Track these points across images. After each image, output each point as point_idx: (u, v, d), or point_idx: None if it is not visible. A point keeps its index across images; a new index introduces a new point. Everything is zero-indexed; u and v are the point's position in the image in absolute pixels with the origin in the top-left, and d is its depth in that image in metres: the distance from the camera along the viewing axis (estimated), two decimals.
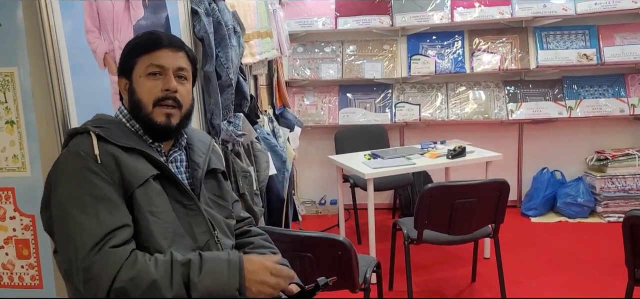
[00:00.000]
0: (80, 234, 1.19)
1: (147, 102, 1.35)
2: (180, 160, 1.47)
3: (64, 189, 1.24)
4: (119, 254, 1.20)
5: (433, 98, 4.42)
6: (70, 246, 1.20)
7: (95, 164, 1.25)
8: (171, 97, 1.36)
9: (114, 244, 1.21)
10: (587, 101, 4.22)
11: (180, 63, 1.39)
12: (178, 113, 1.38)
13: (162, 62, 1.36)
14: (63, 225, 1.22)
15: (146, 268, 1.20)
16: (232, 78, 2.41)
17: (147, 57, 1.36)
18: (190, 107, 1.44)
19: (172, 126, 1.37)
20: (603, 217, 4.08)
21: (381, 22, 4.33)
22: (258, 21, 3.04)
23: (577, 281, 3.13)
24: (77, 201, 1.22)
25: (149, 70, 1.35)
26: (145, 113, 1.35)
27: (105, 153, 1.28)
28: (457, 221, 2.67)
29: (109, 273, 1.18)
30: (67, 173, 1.25)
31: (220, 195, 1.52)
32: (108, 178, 1.26)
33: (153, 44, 1.37)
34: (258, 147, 2.82)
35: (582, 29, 4.25)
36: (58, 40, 1.42)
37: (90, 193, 1.23)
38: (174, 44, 1.39)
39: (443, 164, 3.35)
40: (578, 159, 4.38)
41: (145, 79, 1.35)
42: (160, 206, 1.32)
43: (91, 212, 1.21)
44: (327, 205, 4.62)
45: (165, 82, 1.36)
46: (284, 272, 1.35)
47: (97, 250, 1.19)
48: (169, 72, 1.36)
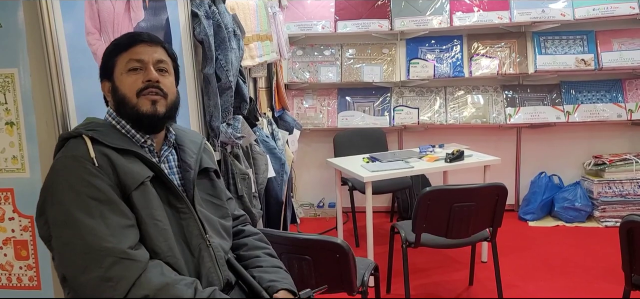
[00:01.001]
0: (90, 237, 1.20)
1: (131, 96, 1.36)
2: (172, 160, 1.47)
3: (65, 194, 1.23)
4: (137, 257, 1.22)
5: (432, 102, 4.43)
6: (76, 249, 1.20)
7: (93, 167, 1.25)
8: (154, 86, 1.37)
9: (130, 245, 1.23)
10: (584, 106, 4.24)
11: (160, 56, 1.41)
12: (164, 101, 1.39)
13: (141, 56, 1.38)
14: (67, 230, 1.22)
15: (181, 289, 1.25)
16: (231, 81, 2.41)
17: (126, 54, 1.38)
18: (177, 99, 1.44)
19: (159, 114, 1.38)
20: (600, 222, 4.09)
21: (380, 26, 4.34)
22: (258, 24, 3.05)
23: (574, 285, 3.14)
24: (81, 205, 1.22)
25: (129, 66, 1.37)
26: (131, 106, 1.36)
27: (101, 156, 1.28)
28: (455, 225, 2.67)
29: (131, 276, 1.20)
30: (66, 178, 1.25)
31: (214, 194, 1.53)
32: (108, 181, 1.26)
33: (130, 41, 1.39)
34: (257, 149, 2.83)
35: (580, 34, 4.26)
36: (58, 41, 1.42)
37: (93, 196, 1.23)
38: (151, 39, 1.42)
39: (441, 167, 3.36)
40: (576, 163, 4.39)
41: (126, 75, 1.37)
42: (157, 209, 1.33)
43: (97, 215, 1.22)
44: (326, 208, 4.62)
45: (145, 75, 1.37)
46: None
47: (112, 253, 1.20)
48: (149, 65, 1.38)
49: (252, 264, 1.54)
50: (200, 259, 1.39)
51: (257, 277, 1.49)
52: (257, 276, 1.49)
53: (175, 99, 1.45)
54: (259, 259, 1.55)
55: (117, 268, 1.20)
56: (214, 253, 1.41)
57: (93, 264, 1.19)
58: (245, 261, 1.55)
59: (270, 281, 1.48)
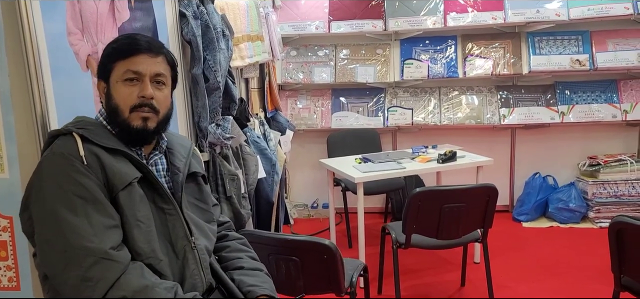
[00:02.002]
0: (72, 235, 1.19)
1: (124, 109, 1.35)
2: (161, 164, 1.47)
3: (50, 191, 1.23)
4: (117, 257, 1.21)
5: (426, 102, 4.42)
6: (57, 247, 1.20)
7: (81, 165, 1.25)
8: (147, 104, 1.36)
9: (112, 245, 1.22)
10: (579, 107, 4.23)
11: (158, 69, 1.39)
12: (155, 117, 1.38)
13: (139, 68, 1.36)
14: (49, 227, 1.21)
15: (160, 292, 1.23)
16: (219, 81, 2.40)
17: (125, 62, 1.36)
18: (169, 111, 1.44)
19: (149, 130, 1.37)
20: (595, 223, 4.08)
21: (374, 27, 4.33)
22: (248, 24, 3.04)
23: (566, 286, 3.13)
24: (66, 202, 1.22)
25: (125, 76, 1.35)
26: (122, 118, 1.35)
27: (90, 154, 1.28)
28: (445, 226, 2.67)
29: (110, 277, 1.19)
30: (53, 174, 1.24)
31: (201, 198, 1.53)
32: (96, 179, 1.26)
33: (130, 49, 1.36)
34: (247, 150, 2.82)
35: (575, 35, 4.26)
36: (38, 41, 1.42)
37: (79, 194, 1.23)
38: (153, 49, 1.39)
39: (433, 168, 3.35)
40: (570, 164, 4.38)
41: (122, 85, 1.35)
42: (143, 211, 1.32)
43: (81, 213, 1.21)
44: (320, 209, 4.62)
45: (141, 89, 1.36)
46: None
47: (93, 253, 1.19)
48: (146, 79, 1.36)
49: (233, 266, 1.53)
50: (185, 261, 1.38)
51: (237, 280, 1.49)
52: (237, 279, 1.49)
53: (168, 112, 1.44)
54: (240, 261, 1.54)
55: (97, 268, 1.19)
56: (198, 256, 1.41)
57: (73, 262, 1.19)
58: (227, 262, 1.55)
59: (250, 286, 1.47)
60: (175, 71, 1.47)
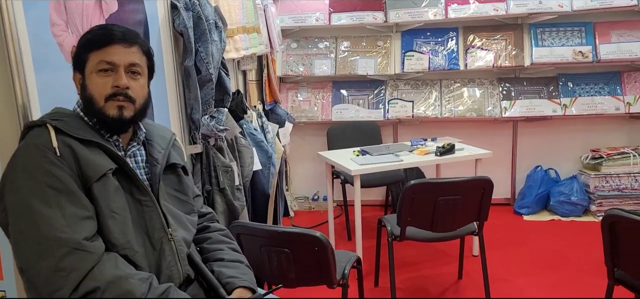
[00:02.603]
0: (45, 226, 1.20)
1: (98, 99, 1.35)
2: (139, 155, 1.47)
3: (24, 182, 1.23)
4: (92, 248, 1.21)
5: (427, 95, 4.39)
6: (31, 238, 1.20)
7: (54, 156, 1.25)
8: (121, 93, 1.35)
9: (85, 236, 1.22)
10: (582, 99, 4.18)
11: (133, 59, 1.38)
12: (131, 107, 1.38)
13: (113, 58, 1.35)
14: (23, 218, 1.22)
15: (134, 282, 1.24)
16: (212, 73, 2.40)
17: (98, 53, 1.35)
18: (146, 101, 1.43)
19: (125, 119, 1.37)
20: (596, 216, 4.04)
21: (375, 18, 4.31)
22: (244, 16, 3.03)
23: (562, 280, 3.10)
24: (39, 193, 1.22)
25: (99, 66, 1.35)
26: (98, 108, 1.35)
27: (64, 146, 1.28)
28: (440, 218, 2.65)
29: (82, 267, 1.19)
30: (26, 166, 1.25)
31: (181, 190, 1.52)
32: (69, 170, 1.26)
33: (104, 39, 1.36)
34: (242, 142, 2.82)
35: (578, 26, 4.20)
36: (18, 32, 1.42)
37: (51, 185, 1.23)
38: (127, 39, 1.38)
39: (431, 161, 3.33)
40: (572, 157, 4.34)
41: (96, 76, 1.35)
42: (118, 202, 1.33)
43: (54, 205, 1.21)
44: (320, 201, 4.61)
45: (115, 79, 1.35)
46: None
47: (66, 243, 1.19)
48: (120, 69, 1.36)
49: (214, 257, 1.53)
50: (161, 252, 1.38)
51: (216, 272, 1.48)
52: (216, 270, 1.49)
53: (145, 102, 1.44)
54: (221, 253, 1.54)
55: (70, 259, 1.19)
56: (175, 247, 1.41)
57: (46, 253, 1.19)
58: (208, 253, 1.55)
59: (229, 278, 1.47)
60: (151, 61, 1.46)
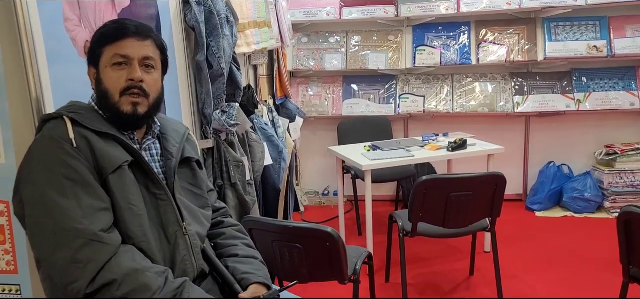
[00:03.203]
0: (62, 218, 1.20)
1: (114, 93, 1.35)
2: (154, 149, 1.47)
3: (40, 174, 1.24)
4: (109, 240, 1.22)
5: (438, 90, 4.36)
6: (47, 229, 1.20)
7: (71, 148, 1.26)
8: (136, 86, 1.35)
9: (102, 228, 1.22)
10: (596, 94, 4.13)
11: (147, 52, 1.38)
12: (145, 102, 1.38)
13: (127, 52, 1.35)
14: (39, 210, 1.22)
15: (151, 276, 1.25)
16: (223, 68, 2.40)
17: (113, 47, 1.35)
18: (159, 95, 1.43)
19: (139, 115, 1.37)
20: (610, 213, 4.00)
21: (386, 13, 4.28)
22: (255, 10, 3.03)
23: (576, 277, 3.07)
24: (55, 185, 1.22)
25: (114, 60, 1.35)
26: (112, 103, 1.35)
27: (80, 137, 1.28)
28: (452, 214, 2.63)
29: (100, 259, 1.19)
30: (43, 158, 1.25)
31: (195, 184, 1.52)
32: (86, 162, 1.26)
33: (118, 33, 1.36)
34: (253, 137, 2.82)
35: (592, 20, 4.15)
36: (32, 27, 1.42)
37: (68, 177, 1.23)
38: (141, 32, 1.38)
39: (442, 156, 3.31)
40: (586, 153, 4.29)
41: (111, 70, 1.36)
42: (134, 195, 1.33)
43: (70, 196, 1.22)
44: (330, 196, 4.61)
45: (130, 72, 1.35)
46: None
47: (83, 234, 1.19)
48: (134, 62, 1.36)
49: (228, 253, 1.53)
50: (176, 246, 1.39)
51: (231, 268, 1.48)
52: (231, 266, 1.49)
53: (158, 96, 1.44)
54: (235, 248, 1.54)
55: (86, 250, 1.20)
56: (190, 242, 1.41)
57: (63, 244, 1.19)
58: (222, 249, 1.54)
59: (244, 273, 1.47)
60: (165, 55, 1.46)
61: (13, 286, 1.50)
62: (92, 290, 1.19)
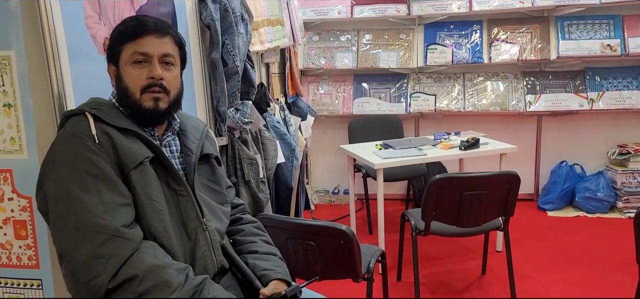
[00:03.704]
0: (84, 213, 1.21)
1: (134, 90, 1.36)
2: (174, 145, 1.48)
3: (63, 170, 1.25)
4: (131, 236, 1.22)
5: (449, 89, 4.35)
6: (70, 224, 1.21)
7: (93, 144, 1.27)
8: (157, 84, 1.36)
9: (123, 223, 1.23)
10: (609, 93, 4.10)
11: (165, 49, 1.39)
12: (166, 98, 1.39)
13: (147, 49, 1.36)
14: (62, 205, 1.23)
15: (172, 272, 1.25)
16: (238, 66, 2.40)
17: (132, 44, 1.36)
18: (179, 91, 1.44)
19: (160, 110, 1.38)
20: (623, 213, 3.98)
21: (398, 11, 4.27)
22: (268, 8, 3.03)
23: (589, 277, 3.06)
24: (78, 180, 1.23)
25: (133, 58, 1.36)
26: (133, 100, 1.36)
27: (102, 133, 1.29)
28: (465, 213, 2.63)
29: (122, 254, 1.20)
30: (65, 153, 1.26)
31: (214, 180, 1.53)
32: (107, 158, 1.27)
33: (137, 30, 1.37)
34: (266, 135, 2.82)
35: (606, 19, 4.12)
36: (55, 24, 1.43)
37: (90, 172, 1.24)
38: (160, 29, 1.39)
39: (455, 155, 3.30)
40: (599, 152, 4.27)
41: (131, 67, 1.36)
42: (156, 191, 1.33)
43: (93, 191, 1.23)
44: (341, 195, 4.61)
45: (150, 70, 1.36)
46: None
47: (105, 230, 1.20)
48: (154, 60, 1.37)
49: (248, 249, 1.53)
50: (196, 242, 1.39)
51: (251, 264, 1.49)
52: (251, 263, 1.49)
53: (178, 92, 1.45)
54: (255, 245, 1.55)
55: (108, 245, 1.20)
56: (210, 237, 1.42)
57: (85, 239, 1.20)
58: (241, 245, 1.55)
59: (264, 270, 1.47)
60: (183, 51, 1.47)
61: (35, 281, 1.52)
62: (114, 285, 1.19)
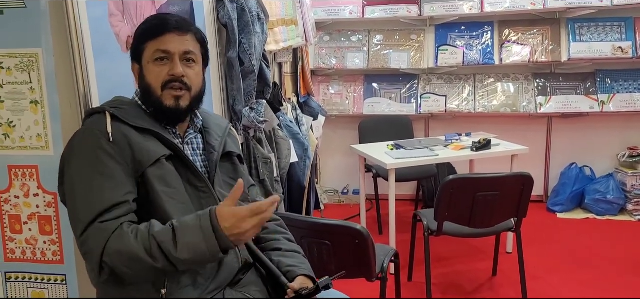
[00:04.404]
0: (82, 208, 1.24)
1: (156, 87, 1.38)
2: (196, 143, 1.49)
3: (75, 165, 1.28)
4: (107, 227, 1.22)
5: (460, 90, 4.35)
6: (74, 219, 1.26)
7: (107, 143, 1.28)
8: (178, 80, 1.38)
9: (106, 219, 1.24)
10: (620, 96, 4.10)
11: (187, 46, 1.40)
12: (187, 95, 1.40)
13: (168, 47, 1.38)
14: (71, 199, 1.27)
15: (128, 240, 1.21)
16: (254, 65, 2.42)
17: (154, 42, 1.38)
18: (201, 89, 1.45)
19: (181, 109, 1.40)
20: (633, 216, 3.97)
21: (409, 12, 4.28)
22: (283, 8, 3.05)
23: (600, 279, 3.06)
24: (85, 177, 1.26)
25: (155, 55, 1.38)
26: (155, 97, 1.38)
27: (118, 132, 1.31)
28: (478, 214, 2.64)
29: (98, 246, 1.21)
30: (80, 150, 1.29)
31: (236, 178, 1.53)
32: (118, 157, 1.29)
33: (159, 28, 1.38)
34: (280, 134, 2.84)
35: (617, 21, 4.12)
36: (81, 22, 1.45)
37: (98, 170, 1.26)
38: (181, 27, 1.40)
39: (467, 156, 3.31)
40: (609, 155, 4.26)
41: (153, 65, 1.38)
42: (176, 187, 1.35)
43: (96, 189, 1.25)
44: (350, 195, 4.62)
45: (171, 68, 1.38)
46: (262, 207, 1.22)
47: (91, 225, 1.22)
48: (175, 57, 1.38)
49: (271, 247, 1.55)
50: None
51: (275, 261, 1.50)
52: (275, 260, 1.50)
53: (200, 89, 1.45)
54: (278, 242, 1.56)
55: (89, 243, 1.23)
56: None
57: (76, 235, 1.24)
58: (265, 243, 1.56)
59: (289, 266, 1.48)
60: (205, 49, 1.48)
61: (59, 276, 1.54)
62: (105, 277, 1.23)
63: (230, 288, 1.39)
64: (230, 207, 1.22)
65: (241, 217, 1.20)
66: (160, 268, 1.20)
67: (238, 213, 1.21)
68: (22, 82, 1.46)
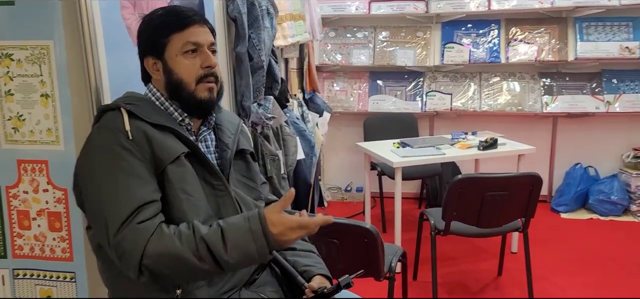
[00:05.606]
0: (111, 209, 1.20)
1: (189, 81, 1.35)
2: (209, 140, 1.47)
3: (96, 165, 1.24)
4: (146, 228, 1.19)
5: (466, 88, 4.33)
6: (102, 221, 1.21)
7: (126, 140, 1.25)
8: (212, 73, 1.36)
9: (142, 219, 1.21)
10: (626, 96, 4.08)
11: (211, 38, 1.40)
12: (216, 88, 1.39)
13: (197, 39, 1.35)
14: (95, 200, 1.23)
15: (172, 241, 1.18)
16: (263, 60, 2.39)
17: (181, 34, 1.35)
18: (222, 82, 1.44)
19: (214, 100, 1.39)
20: (637, 216, 3.97)
21: (416, 9, 4.25)
22: (291, 3, 3.02)
23: (605, 280, 3.05)
24: (109, 176, 1.22)
25: (185, 48, 1.35)
26: (188, 91, 1.35)
27: (136, 129, 1.28)
28: (487, 214, 2.62)
29: (138, 249, 1.18)
30: (99, 149, 1.25)
31: (249, 176, 1.51)
32: (139, 154, 1.26)
33: (184, 21, 1.35)
34: (287, 131, 2.81)
35: (625, 21, 4.09)
36: (93, 15, 1.42)
37: (122, 169, 1.23)
38: (202, 20, 1.39)
39: (473, 155, 3.29)
40: (614, 155, 4.25)
41: (183, 58, 1.35)
42: (193, 185, 1.32)
43: (122, 188, 1.21)
44: (353, 192, 4.60)
45: (204, 59, 1.36)
46: (310, 224, 1.24)
47: (126, 225, 1.18)
48: (205, 49, 1.36)
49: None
50: None
51: (291, 261, 1.48)
52: (291, 260, 1.48)
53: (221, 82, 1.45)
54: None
55: (125, 244, 1.19)
56: None
57: (107, 236, 1.20)
58: None
59: (306, 266, 1.46)
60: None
61: (68, 274, 1.51)
62: (144, 279, 1.19)
63: (245, 288, 1.36)
64: (280, 215, 1.22)
65: (289, 227, 1.21)
66: (207, 270, 1.19)
67: (287, 222, 1.21)
68: (32, 75, 1.42)
